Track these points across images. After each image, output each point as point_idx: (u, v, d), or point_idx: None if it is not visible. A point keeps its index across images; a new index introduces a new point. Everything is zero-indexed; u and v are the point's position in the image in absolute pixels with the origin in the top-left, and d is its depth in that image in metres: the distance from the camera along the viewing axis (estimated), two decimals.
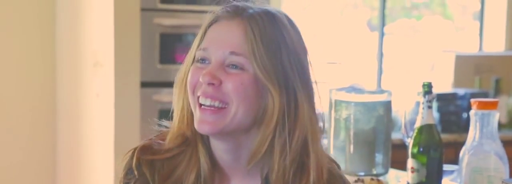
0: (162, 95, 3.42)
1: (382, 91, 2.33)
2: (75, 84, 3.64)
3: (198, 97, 1.28)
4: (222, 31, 1.29)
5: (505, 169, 1.91)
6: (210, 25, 1.31)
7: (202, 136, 1.33)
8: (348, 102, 2.26)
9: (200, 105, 1.28)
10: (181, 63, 1.36)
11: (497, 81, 4.36)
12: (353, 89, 2.28)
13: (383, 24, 4.59)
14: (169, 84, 3.40)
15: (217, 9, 1.32)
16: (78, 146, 3.65)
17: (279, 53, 1.27)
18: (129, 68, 3.35)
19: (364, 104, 2.25)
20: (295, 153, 1.28)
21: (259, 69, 1.25)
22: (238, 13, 1.29)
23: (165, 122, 1.39)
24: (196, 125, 1.29)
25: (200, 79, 1.27)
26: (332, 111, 2.30)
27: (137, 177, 1.34)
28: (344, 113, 2.28)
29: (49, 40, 3.75)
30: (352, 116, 2.25)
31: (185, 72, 1.32)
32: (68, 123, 3.72)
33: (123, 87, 3.35)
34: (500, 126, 4.26)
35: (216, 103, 1.27)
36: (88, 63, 3.50)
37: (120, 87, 3.34)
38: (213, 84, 1.26)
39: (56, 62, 3.77)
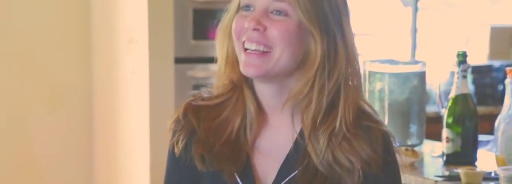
0: (196, 71, 3.44)
1: (416, 62, 2.33)
2: (110, 61, 3.67)
3: (243, 42, 1.32)
4: None
5: None
6: None
7: (247, 80, 1.38)
8: (382, 73, 2.26)
9: (245, 49, 1.32)
10: (214, 39, 1.42)
11: None
12: (387, 60, 2.28)
13: None
14: (203, 60, 3.46)
15: None
16: (114, 123, 3.69)
17: (322, 4, 1.32)
18: (163, 44, 3.37)
19: (398, 75, 2.25)
20: (330, 95, 1.34)
21: (302, 14, 1.30)
22: None
23: (204, 89, 1.43)
24: (241, 69, 1.33)
25: (246, 25, 1.31)
26: (367, 83, 2.30)
27: (183, 124, 1.40)
28: (378, 85, 2.28)
29: (84, 18, 3.78)
30: (386, 87, 2.25)
31: (229, 19, 1.36)
32: (104, 100, 3.76)
33: (157, 64, 3.37)
34: None
35: (261, 47, 1.31)
36: (122, 40, 3.53)
37: (155, 64, 3.36)
38: (258, 29, 1.30)
39: (91, 40, 3.80)
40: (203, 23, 3.46)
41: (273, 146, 1.39)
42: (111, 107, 3.70)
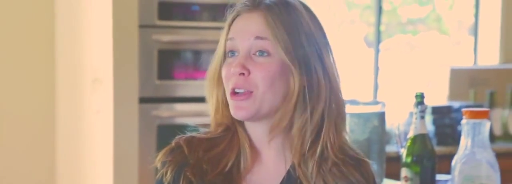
0: (161, 111, 3.45)
1: (376, 102, 2.37)
2: (75, 101, 3.67)
3: (231, 89, 1.40)
4: (245, 22, 1.41)
5: (497, 177, 1.95)
6: (232, 20, 1.43)
7: (239, 121, 1.45)
8: None
9: (234, 93, 1.40)
10: (179, 79, 1.50)
11: (492, 94, 4.40)
12: (348, 101, 2.32)
13: (378, 39, 4.64)
14: (168, 100, 3.48)
15: (236, 5, 1.45)
16: (77, 163, 3.68)
17: (298, 35, 1.39)
18: (128, 84, 3.39)
19: (359, 115, 2.29)
20: (315, 124, 1.41)
21: (283, 51, 1.38)
22: (255, 5, 1.41)
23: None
24: (232, 112, 1.41)
25: (231, 70, 1.39)
26: None
27: (174, 155, 1.45)
28: None
29: (49, 57, 3.79)
30: (347, 127, 2.29)
31: (216, 67, 1.44)
32: (68, 139, 3.75)
33: (122, 103, 3.38)
34: (495, 138, 4.32)
35: (247, 90, 1.39)
36: (87, 80, 3.55)
37: (119, 103, 3.38)
38: (243, 74, 1.38)
39: (56, 80, 3.80)
40: (168, 63, 3.49)
41: (263, 181, 1.45)
42: (74, 147, 3.69)
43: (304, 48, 1.40)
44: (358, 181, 1.42)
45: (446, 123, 4.14)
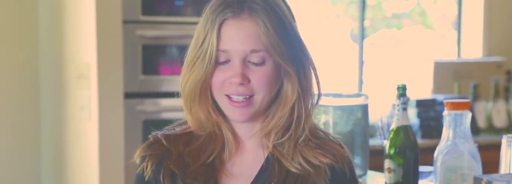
0: (146, 106, 3.46)
1: (359, 95, 2.38)
2: (60, 97, 3.67)
3: (228, 96, 1.42)
4: (236, 31, 1.39)
5: (478, 168, 1.97)
6: (220, 25, 1.40)
7: (225, 117, 1.47)
8: (326, 106, 2.31)
9: (232, 101, 1.42)
10: (163, 74, 1.51)
11: (475, 87, 4.43)
12: (331, 94, 2.33)
13: (362, 34, 4.66)
14: (153, 95, 3.48)
15: (218, 7, 1.42)
16: (63, 159, 3.67)
17: (287, 37, 1.41)
18: (113, 80, 3.39)
19: (342, 108, 2.30)
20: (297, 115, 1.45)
21: (279, 57, 1.40)
22: (242, 8, 1.40)
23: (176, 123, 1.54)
24: (230, 116, 1.44)
25: (232, 81, 1.40)
26: None
27: (153, 149, 1.47)
28: (323, 117, 2.33)
29: (33, 54, 3.78)
30: (331, 120, 2.30)
31: (205, 74, 1.42)
32: (53, 136, 3.75)
33: (107, 99, 3.38)
34: (479, 130, 4.35)
35: (247, 97, 1.42)
36: (72, 76, 3.54)
37: (104, 99, 3.38)
38: (243, 84, 1.40)
39: (40, 76, 3.80)
40: (152, 59, 3.49)
41: (244, 168, 1.48)
42: (60, 143, 3.69)
43: (294, 48, 1.42)
44: (335, 149, 1.46)
45: (431, 116, 4.17)
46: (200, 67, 1.41)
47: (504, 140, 1.89)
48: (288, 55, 1.41)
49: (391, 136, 2.10)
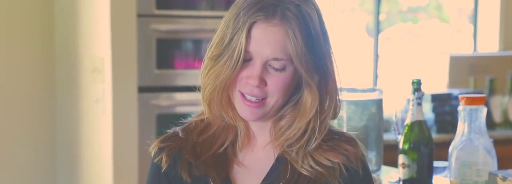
0: (160, 100, 3.46)
1: (373, 90, 2.37)
2: (74, 90, 3.68)
3: (242, 93, 1.43)
4: (264, 35, 1.39)
5: (493, 163, 1.95)
6: (250, 27, 1.40)
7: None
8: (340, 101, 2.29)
9: (245, 99, 1.42)
10: (178, 68, 1.51)
11: (491, 81, 4.40)
12: (345, 88, 2.32)
13: (378, 27, 4.64)
14: (167, 89, 3.48)
15: (252, 10, 1.41)
16: (77, 153, 3.68)
17: (315, 50, 1.41)
18: (127, 74, 3.39)
19: (356, 103, 2.29)
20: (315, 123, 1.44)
21: (302, 68, 1.39)
22: (275, 14, 1.39)
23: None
24: (241, 114, 1.44)
25: (249, 82, 1.41)
26: None
27: (170, 141, 1.50)
28: None
29: (48, 48, 3.79)
30: (344, 115, 2.29)
31: (232, 71, 1.42)
32: (67, 129, 3.76)
33: (121, 93, 3.39)
34: (495, 125, 4.32)
35: (260, 99, 1.43)
36: (86, 70, 3.55)
37: (118, 93, 3.38)
38: (259, 86, 1.41)
39: (55, 70, 3.81)
40: (167, 53, 3.49)
41: (255, 162, 1.48)
42: (74, 136, 3.70)
43: (319, 61, 1.42)
44: (347, 151, 1.45)
45: (446, 111, 4.15)
46: (227, 65, 1.42)
47: None
48: (312, 67, 1.40)
49: (406, 131, 2.09)
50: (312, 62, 1.40)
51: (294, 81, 1.42)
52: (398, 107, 2.27)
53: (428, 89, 4.19)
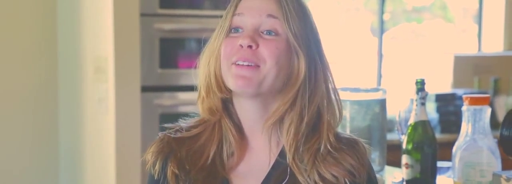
0: (163, 100, 3.45)
1: (377, 89, 2.35)
2: (77, 90, 3.67)
3: (234, 62, 1.37)
4: (253, 3, 1.39)
5: (497, 164, 1.94)
6: (238, 1, 1.41)
7: (227, 107, 1.43)
8: (343, 101, 2.28)
9: (237, 66, 1.36)
10: (181, 68, 1.48)
11: (496, 81, 4.38)
12: (348, 88, 2.31)
13: (382, 27, 4.63)
14: (170, 88, 3.47)
15: None
16: (80, 151, 3.68)
17: (305, 22, 1.39)
18: (130, 73, 3.38)
19: (359, 103, 2.28)
20: (310, 117, 1.39)
21: (291, 33, 1.37)
22: None
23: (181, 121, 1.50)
24: (232, 83, 1.37)
25: (240, 43, 1.36)
26: None
27: (161, 147, 1.45)
28: None
29: (50, 48, 3.79)
30: (348, 115, 2.28)
31: (218, 42, 1.40)
32: (70, 129, 3.76)
33: (124, 92, 3.38)
34: (499, 125, 4.29)
35: (252, 64, 1.36)
36: (89, 69, 3.54)
37: (121, 92, 3.37)
38: (251, 46, 1.36)
39: (58, 69, 3.81)
40: (170, 52, 3.48)
41: (252, 168, 1.43)
42: (77, 136, 3.70)
43: (308, 34, 1.39)
44: (352, 166, 1.39)
45: (450, 111, 4.13)
46: (214, 38, 1.41)
47: None
48: (301, 36, 1.38)
49: (409, 131, 2.07)
50: (301, 30, 1.38)
51: (287, 55, 1.37)
52: (401, 107, 2.25)
53: (432, 89, 4.17)
